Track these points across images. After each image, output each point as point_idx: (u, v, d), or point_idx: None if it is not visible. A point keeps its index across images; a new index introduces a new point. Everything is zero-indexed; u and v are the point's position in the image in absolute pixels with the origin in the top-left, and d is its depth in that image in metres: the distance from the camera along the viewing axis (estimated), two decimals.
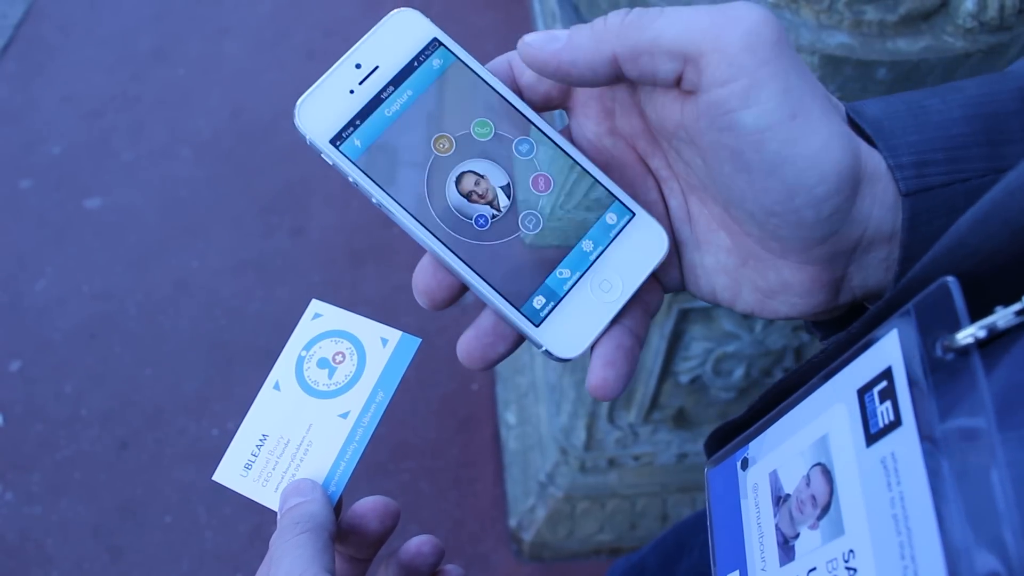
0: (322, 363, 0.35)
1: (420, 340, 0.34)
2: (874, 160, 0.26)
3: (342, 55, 0.30)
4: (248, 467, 0.34)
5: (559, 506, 1.14)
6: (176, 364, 1.39)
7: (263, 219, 1.59)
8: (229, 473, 0.34)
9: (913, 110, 0.27)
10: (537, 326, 0.28)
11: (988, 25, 0.54)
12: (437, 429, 1.33)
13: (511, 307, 0.28)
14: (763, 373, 0.94)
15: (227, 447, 0.34)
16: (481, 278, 0.28)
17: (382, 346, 0.35)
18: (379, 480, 1.27)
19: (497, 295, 0.28)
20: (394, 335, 0.35)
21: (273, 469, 0.33)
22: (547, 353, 0.28)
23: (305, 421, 0.34)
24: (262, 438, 0.34)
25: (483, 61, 0.31)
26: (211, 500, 1.24)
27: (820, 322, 0.32)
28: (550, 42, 0.27)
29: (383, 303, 1.47)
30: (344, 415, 0.34)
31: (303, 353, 0.35)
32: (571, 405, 1.04)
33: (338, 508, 0.33)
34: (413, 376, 1.37)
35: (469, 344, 0.29)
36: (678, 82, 0.26)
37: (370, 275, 1.51)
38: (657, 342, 0.88)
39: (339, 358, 0.35)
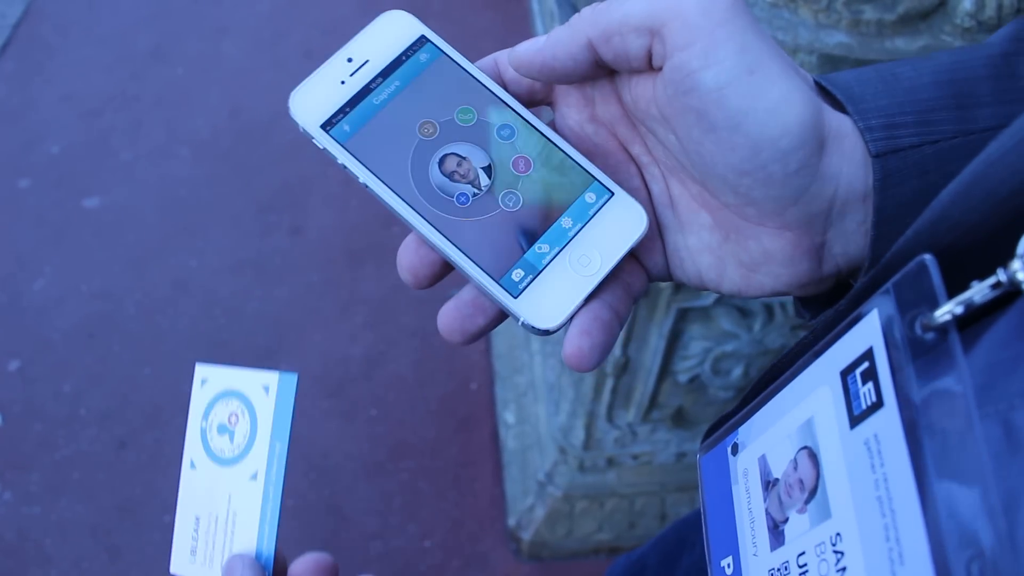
0: (221, 429, 0.35)
1: (297, 375, 0.34)
2: (838, 120, 0.27)
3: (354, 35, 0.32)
4: (194, 552, 0.35)
5: (558, 505, 1.14)
6: (175, 363, 1.39)
7: (262, 218, 1.59)
8: (181, 563, 0.35)
9: (884, 77, 0.28)
10: (516, 298, 0.29)
11: (986, 24, 0.54)
12: (436, 428, 1.33)
13: (490, 279, 0.29)
14: (762, 372, 0.94)
15: (175, 522, 0.35)
16: (462, 252, 0.29)
17: (266, 395, 0.34)
18: (378, 480, 1.27)
19: (477, 268, 0.29)
20: (272, 379, 0.34)
21: (213, 548, 0.34)
22: (525, 325, 0.29)
23: (224, 492, 0.34)
24: (196, 521, 0.35)
25: (478, 60, 0.32)
26: None
27: (808, 303, 0.32)
28: (533, 43, 0.29)
29: (381, 303, 1.47)
30: (254, 476, 0.34)
31: (203, 424, 0.35)
32: (570, 404, 1.04)
33: (281, 565, 0.34)
34: (412, 376, 1.37)
35: (449, 315, 0.29)
36: (650, 61, 0.27)
37: (369, 274, 1.51)
38: (656, 341, 0.88)
39: (233, 419, 0.35)
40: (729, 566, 0.27)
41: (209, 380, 0.36)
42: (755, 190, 0.27)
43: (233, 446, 0.35)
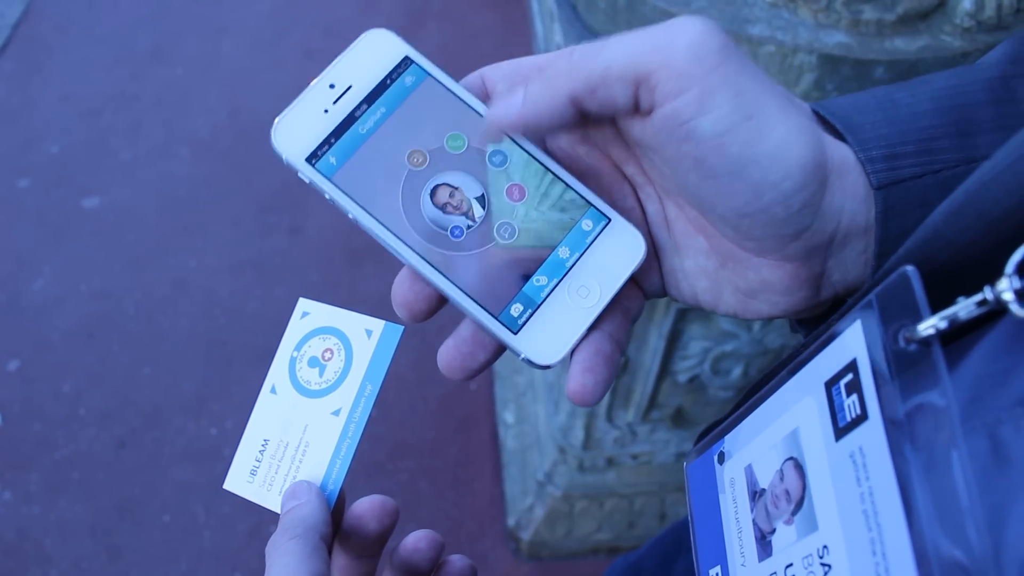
0: (312, 362, 0.35)
1: (403, 328, 0.34)
2: (841, 152, 0.26)
3: (335, 58, 0.30)
4: (253, 473, 0.35)
5: (557, 505, 1.14)
6: (174, 363, 1.39)
7: (261, 218, 1.59)
8: (237, 481, 0.35)
9: (882, 104, 0.27)
10: (516, 334, 0.28)
11: (986, 24, 0.54)
12: (436, 428, 1.33)
13: (489, 316, 0.28)
14: (761, 373, 0.94)
15: (225, 446, 0.35)
16: (458, 288, 0.28)
17: (367, 338, 0.35)
18: (378, 480, 1.27)
19: (475, 304, 0.28)
20: (377, 325, 0.35)
21: (276, 473, 0.34)
22: (527, 361, 0.28)
23: (301, 422, 0.34)
24: (263, 443, 0.35)
25: (481, 61, 0.31)
26: (209, 499, 1.24)
27: (804, 320, 0.32)
28: (510, 103, 0.28)
29: (381, 302, 1.46)
30: (336, 412, 0.34)
31: (295, 354, 0.36)
32: (569, 404, 1.04)
33: (341, 504, 0.33)
34: (412, 375, 1.37)
35: (449, 354, 0.29)
36: (636, 107, 0.26)
37: (368, 274, 1.51)
38: (655, 341, 0.88)
39: (328, 355, 0.35)
40: (718, 575, 0.27)
41: (311, 314, 0.36)
42: (756, 229, 0.26)
43: (321, 380, 0.35)
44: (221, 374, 1.38)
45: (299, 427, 0.34)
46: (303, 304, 0.36)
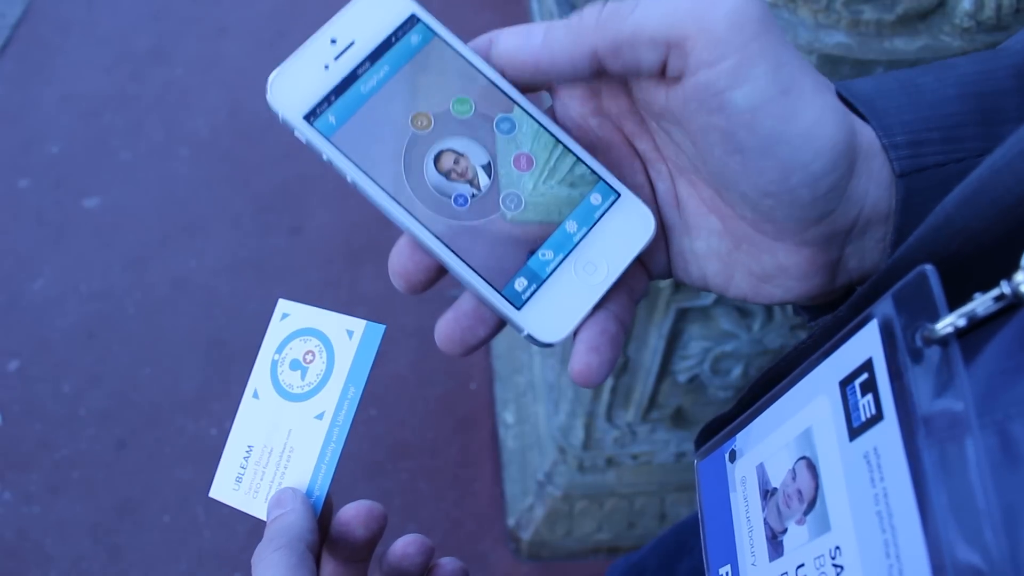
0: (294, 365, 0.34)
1: (384, 327, 0.33)
2: (868, 135, 0.25)
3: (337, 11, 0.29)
4: (239, 480, 0.34)
5: (557, 505, 1.14)
6: (174, 363, 1.39)
7: (261, 218, 1.59)
8: (223, 489, 0.34)
9: (906, 88, 0.26)
10: (519, 309, 0.27)
11: (985, 24, 0.54)
12: (435, 428, 1.33)
13: (491, 289, 0.27)
14: (760, 372, 0.94)
15: (225, 448, 0.34)
16: (460, 259, 0.27)
17: (348, 339, 0.34)
18: (378, 480, 1.27)
19: (477, 277, 0.27)
20: (358, 325, 0.34)
21: (261, 479, 0.33)
22: (529, 338, 0.27)
23: (285, 427, 0.33)
24: (248, 449, 0.34)
25: (472, 40, 0.30)
26: (209, 499, 1.23)
27: (808, 306, 0.31)
28: (526, 42, 0.27)
29: (381, 302, 1.47)
30: (320, 416, 0.33)
31: (276, 357, 0.35)
32: (569, 404, 1.04)
33: (328, 509, 0.33)
34: (411, 375, 1.37)
35: (448, 327, 0.28)
36: (663, 71, 0.25)
37: (368, 274, 1.51)
38: (655, 341, 0.88)
39: (309, 357, 0.34)
40: (728, 575, 0.27)
41: (291, 316, 0.35)
42: (779, 211, 0.25)
43: (304, 383, 0.34)
44: (221, 374, 1.38)
45: (283, 432, 0.33)
46: (283, 305, 0.35)
